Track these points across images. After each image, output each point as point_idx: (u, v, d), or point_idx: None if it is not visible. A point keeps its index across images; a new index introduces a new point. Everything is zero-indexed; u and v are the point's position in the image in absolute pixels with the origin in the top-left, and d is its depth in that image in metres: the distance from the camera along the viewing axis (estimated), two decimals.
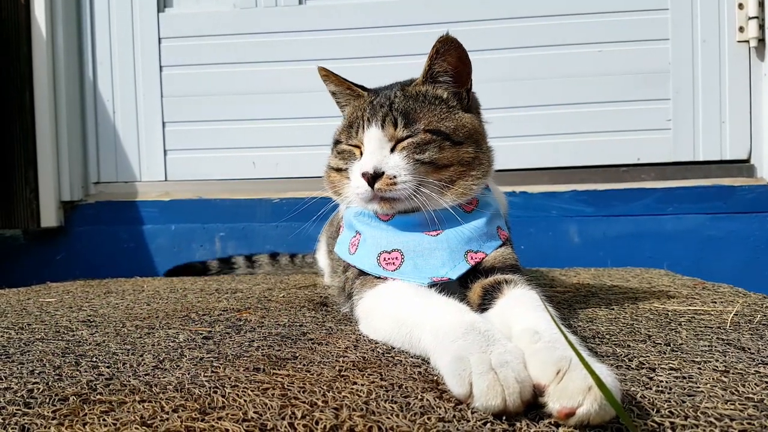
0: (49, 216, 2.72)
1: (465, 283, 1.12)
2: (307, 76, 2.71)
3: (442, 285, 1.07)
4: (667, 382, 0.78)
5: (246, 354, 0.96)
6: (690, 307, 1.33)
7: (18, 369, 0.89)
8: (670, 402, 0.70)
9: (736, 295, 1.48)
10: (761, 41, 2.48)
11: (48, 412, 0.69)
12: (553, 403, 0.64)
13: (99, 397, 0.75)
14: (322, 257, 1.98)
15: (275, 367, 0.87)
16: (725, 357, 0.90)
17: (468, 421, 0.65)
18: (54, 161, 2.72)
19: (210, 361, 0.92)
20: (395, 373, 0.82)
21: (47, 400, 0.74)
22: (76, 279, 2.37)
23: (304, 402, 0.71)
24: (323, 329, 1.16)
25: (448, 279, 1.09)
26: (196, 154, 2.84)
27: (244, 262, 2.44)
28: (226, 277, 2.31)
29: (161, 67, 2.85)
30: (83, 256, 2.77)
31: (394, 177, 1.12)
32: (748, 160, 2.55)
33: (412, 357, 0.91)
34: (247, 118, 2.80)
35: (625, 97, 2.60)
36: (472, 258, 1.11)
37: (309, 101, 2.71)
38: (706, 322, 1.18)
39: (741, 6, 2.51)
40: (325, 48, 2.73)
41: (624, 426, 0.63)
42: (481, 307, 1.03)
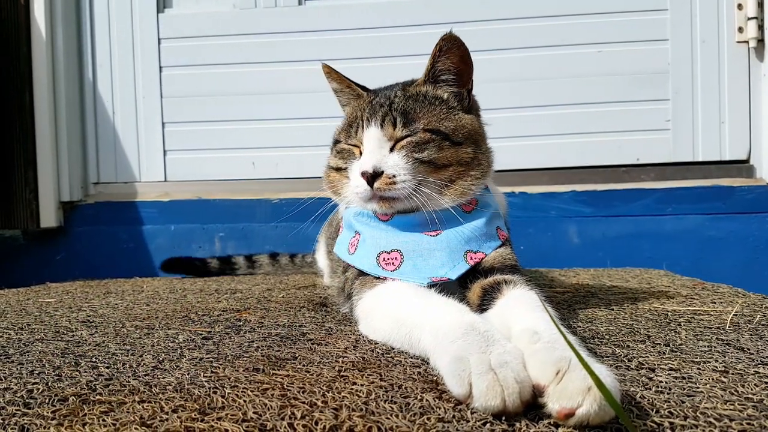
0: (48, 216, 2.72)
1: (464, 284, 1.12)
2: (307, 77, 2.72)
3: (442, 285, 1.07)
4: (666, 383, 0.78)
5: (245, 354, 0.96)
6: (689, 308, 1.34)
7: (17, 369, 0.89)
8: (669, 402, 0.70)
9: (735, 296, 1.48)
10: (760, 42, 2.49)
11: (47, 413, 0.69)
12: (553, 404, 0.64)
13: (98, 397, 0.75)
14: (321, 257, 1.98)
15: (275, 367, 0.87)
16: (725, 357, 0.90)
17: (467, 421, 0.65)
18: (53, 162, 2.72)
19: (209, 362, 0.92)
20: (395, 374, 0.83)
21: (47, 401, 0.74)
22: (76, 279, 2.37)
23: (304, 402, 0.71)
24: (323, 330, 1.16)
25: (448, 279, 1.09)
26: (196, 155, 2.84)
27: (244, 262, 2.44)
28: (225, 277, 2.31)
29: (161, 67, 2.85)
30: (83, 257, 2.77)
31: (394, 176, 1.12)
32: (747, 161, 2.55)
33: (412, 357, 0.91)
34: (247, 118, 2.80)
35: (625, 97, 2.61)
36: (472, 258, 1.12)
37: (309, 101, 2.71)
38: (705, 322, 1.18)
39: (740, 6, 2.51)
40: (325, 48, 2.73)
41: (623, 426, 0.63)
42: (481, 308, 1.03)
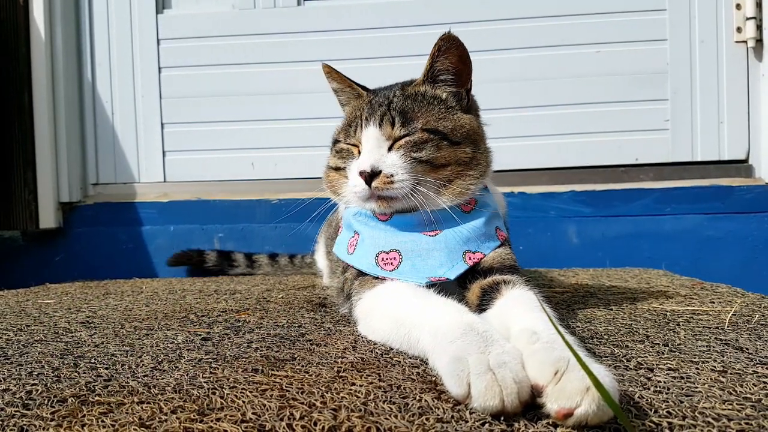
0: (47, 217, 2.72)
1: (463, 284, 1.12)
2: (306, 77, 2.72)
3: (441, 285, 1.07)
4: (665, 383, 0.78)
5: (244, 355, 0.96)
6: (688, 308, 1.34)
7: (17, 370, 0.89)
8: (668, 402, 0.70)
9: (734, 295, 1.49)
10: (759, 42, 2.49)
11: (47, 414, 0.69)
12: (551, 404, 0.64)
13: (98, 398, 0.75)
14: (320, 258, 1.99)
15: (274, 368, 0.87)
16: (723, 357, 0.91)
17: (466, 421, 0.65)
18: (53, 162, 2.72)
19: (209, 362, 0.92)
20: (394, 374, 0.83)
21: (46, 402, 0.74)
22: (75, 280, 2.37)
23: (303, 403, 0.71)
24: (322, 330, 1.16)
25: (446, 279, 1.09)
26: (195, 155, 2.84)
27: (243, 260, 2.44)
28: (224, 277, 2.31)
29: (160, 68, 2.84)
30: (82, 258, 2.77)
31: (392, 176, 1.12)
32: (746, 161, 2.55)
33: (411, 358, 0.91)
34: (246, 119, 2.80)
35: (624, 97, 2.61)
36: (470, 258, 1.12)
37: (308, 102, 2.71)
38: (704, 322, 1.18)
39: (738, 6, 2.51)
40: (324, 49, 2.73)
41: (622, 426, 0.63)
42: (480, 308, 1.03)
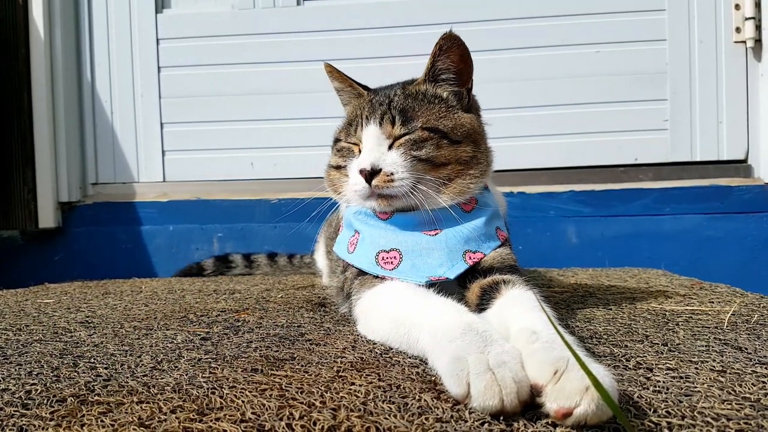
0: (47, 217, 2.72)
1: (463, 283, 1.12)
2: (305, 77, 2.72)
3: (441, 285, 1.07)
4: (664, 382, 0.78)
5: (244, 355, 0.96)
6: (687, 307, 1.34)
7: (16, 370, 0.89)
8: (667, 402, 0.70)
9: (733, 295, 1.49)
10: (758, 42, 2.49)
11: (46, 414, 0.69)
12: (551, 403, 0.64)
13: (97, 398, 0.75)
14: (320, 258, 1.98)
15: (273, 367, 0.87)
16: (722, 357, 0.91)
17: (465, 421, 0.65)
18: (52, 162, 2.72)
19: (208, 362, 0.92)
20: (393, 374, 0.83)
21: (45, 402, 0.74)
22: (74, 280, 2.37)
23: (302, 403, 0.71)
24: (321, 330, 1.16)
25: (446, 279, 1.09)
26: (195, 155, 2.84)
27: (241, 261, 2.44)
28: (224, 277, 2.31)
29: (159, 67, 2.84)
30: (81, 257, 2.77)
31: (392, 174, 1.12)
32: (745, 161, 2.55)
33: (410, 357, 0.91)
34: (246, 118, 2.80)
35: (623, 97, 2.61)
36: (470, 258, 1.12)
37: (308, 101, 2.71)
38: (703, 322, 1.18)
39: (737, 7, 2.51)
40: (324, 48, 2.73)
41: (621, 426, 0.63)
42: (480, 307, 1.03)
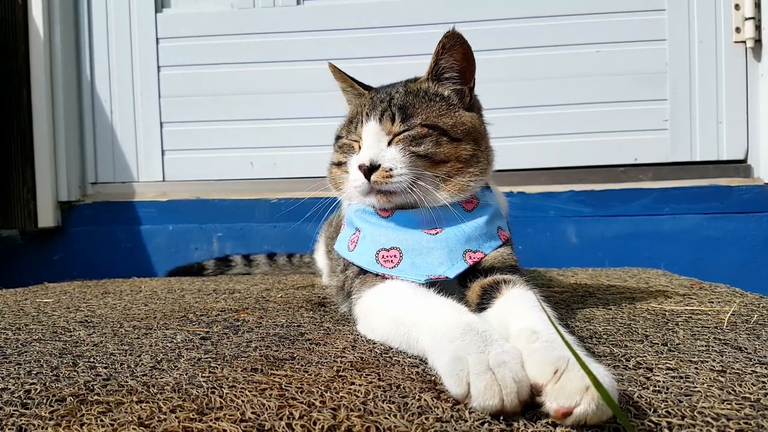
0: (46, 216, 2.72)
1: (464, 283, 1.12)
2: (305, 76, 2.72)
3: (441, 284, 1.07)
4: (664, 382, 0.78)
5: (244, 354, 0.96)
6: (687, 307, 1.34)
7: (15, 370, 0.89)
8: (667, 402, 0.70)
9: (733, 295, 1.49)
10: (758, 42, 2.49)
11: (45, 413, 0.69)
12: (551, 403, 0.64)
13: (96, 397, 0.74)
14: (320, 257, 1.98)
15: (273, 367, 0.87)
16: (722, 357, 0.91)
17: (465, 421, 0.65)
18: (51, 161, 2.72)
19: (208, 362, 0.92)
20: (393, 374, 0.83)
21: (44, 401, 0.74)
22: (74, 279, 2.37)
23: (302, 402, 0.71)
24: (321, 329, 1.16)
25: (446, 278, 1.09)
26: (194, 155, 2.84)
27: (241, 261, 2.44)
28: (223, 277, 2.31)
29: (159, 67, 2.84)
30: (81, 257, 2.77)
31: (391, 170, 1.12)
32: (744, 161, 2.55)
33: (410, 357, 0.91)
34: (246, 118, 2.80)
35: (623, 97, 2.61)
36: (471, 258, 1.12)
37: (308, 101, 2.71)
38: (703, 322, 1.18)
39: (737, 7, 2.51)
40: (324, 48, 2.73)
41: (621, 426, 0.63)
42: (480, 307, 1.03)
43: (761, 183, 2.49)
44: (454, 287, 1.11)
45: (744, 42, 2.51)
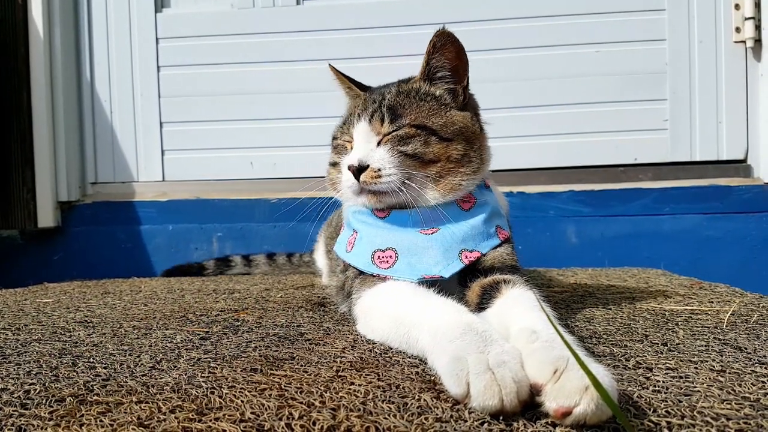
0: (46, 216, 2.72)
1: (464, 283, 1.12)
2: (305, 77, 2.72)
3: (441, 284, 1.07)
4: (663, 382, 0.78)
5: (243, 354, 0.96)
6: (687, 307, 1.34)
7: (15, 370, 0.89)
8: (666, 402, 0.70)
9: (732, 295, 1.49)
10: (758, 42, 2.49)
11: (45, 413, 0.69)
12: (550, 403, 0.64)
13: (96, 397, 0.74)
14: (320, 257, 1.98)
15: (272, 367, 0.87)
16: (722, 357, 0.91)
17: (465, 421, 0.65)
18: (51, 161, 2.72)
19: (207, 362, 0.92)
20: (393, 374, 0.83)
21: (44, 401, 0.73)
22: (73, 279, 2.37)
23: (302, 402, 0.71)
24: (321, 329, 1.16)
25: (440, 277, 1.09)
26: (194, 155, 2.84)
27: (241, 261, 2.44)
28: (223, 277, 2.31)
29: (159, 67, 2.84)
30: (80, 257, 2.77)
31: (379, 170, 1.13)
32: (744, 161, 2.55)
33: (410, 357, 0.91)
34: (245, 118, 2.80)
35: (622, 97, 2.61)
36: (467, 257, 1.12)
37: (307, 101, 2.71)
38: (703, 321, 1.18)
39: (737, 7, 2.51)
40: (323, 48, 2.73)
41: (620, 425, 0.63)
42: (480, 307, 1.03)
43: (761, 183, 2.49)
44: (454, 287, 1.11)
45: (744, 42, 2.51)
